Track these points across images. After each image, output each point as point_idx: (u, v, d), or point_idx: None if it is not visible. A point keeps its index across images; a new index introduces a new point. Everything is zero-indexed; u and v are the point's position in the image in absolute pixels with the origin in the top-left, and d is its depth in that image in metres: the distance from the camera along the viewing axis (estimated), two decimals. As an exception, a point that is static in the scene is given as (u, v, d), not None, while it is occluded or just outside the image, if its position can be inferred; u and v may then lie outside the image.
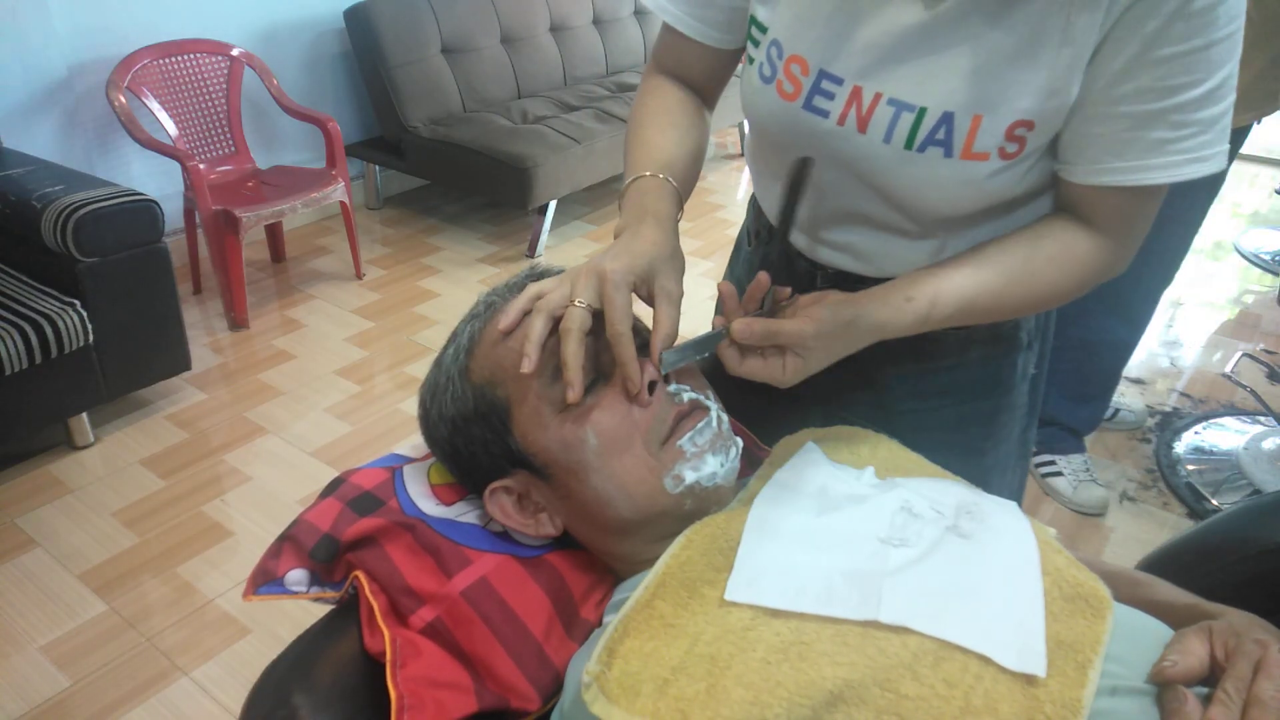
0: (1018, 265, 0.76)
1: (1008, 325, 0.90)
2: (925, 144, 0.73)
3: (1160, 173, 0.69)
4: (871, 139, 0.75)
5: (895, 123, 0.73)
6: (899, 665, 0.55)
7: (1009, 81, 0.69)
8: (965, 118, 0.71)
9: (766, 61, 0.79)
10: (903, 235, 0.83)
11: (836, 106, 0.76)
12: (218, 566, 1.84)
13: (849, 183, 0.80)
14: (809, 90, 0.77)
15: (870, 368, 0.93)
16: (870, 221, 0.83)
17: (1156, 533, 2.05)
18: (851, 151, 0.77)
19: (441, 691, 0.63)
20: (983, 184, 0.74)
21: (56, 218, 1.94)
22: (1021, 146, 0.72)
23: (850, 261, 0.88)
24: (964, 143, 0.72)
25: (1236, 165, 4.62)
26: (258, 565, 0.73)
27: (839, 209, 0.84)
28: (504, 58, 3.54)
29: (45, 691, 1.56)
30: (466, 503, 0.76)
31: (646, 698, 0.56)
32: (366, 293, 2.98)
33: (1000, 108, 0.70)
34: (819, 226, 0.88)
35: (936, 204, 0.77)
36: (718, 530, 0.67)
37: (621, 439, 0.68)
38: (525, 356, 0.66)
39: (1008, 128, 0.71)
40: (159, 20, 2.77)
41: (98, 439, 2.20)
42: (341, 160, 2.86)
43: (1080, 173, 0.73)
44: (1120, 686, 0.56)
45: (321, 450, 2.21)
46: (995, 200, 0.77)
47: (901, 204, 0.79)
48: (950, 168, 0.73)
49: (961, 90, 0.70)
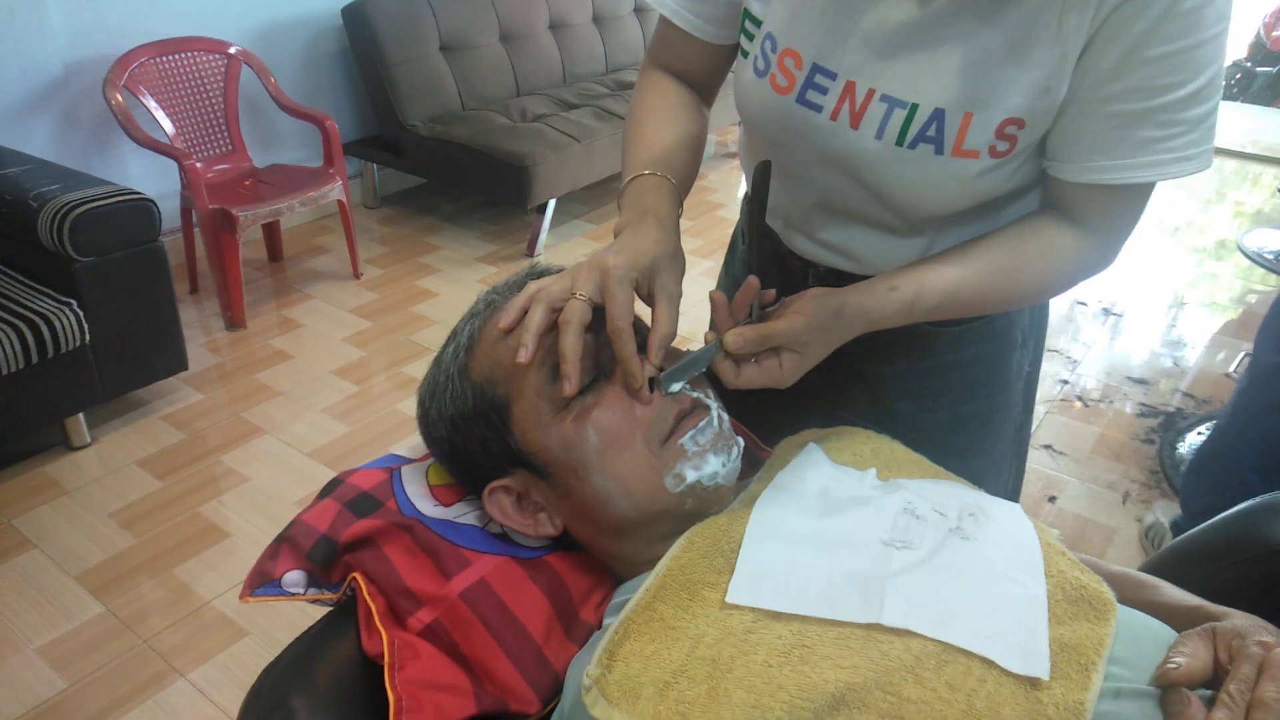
0: (1003, 259, 0.77)
1: (1002, 323, 0.90)
2: (916, 141, 0.73)
3: (1147, 171, 0.70)
4: (864, 135, 0.75)
5: (887, 119, 0.73)
6: (901, 668, 0.55)
7: (1000, 79, 0.69)
8: (956, 115, 0.71)
9: (760, 55, 0.79)
10: (892, 233, 0.83)
11: (829, 101, 0.76)
12: (215, 568, 1.84)
13: (839, 179, 0.80)
14: (802, 84, 0.77)
15: (865, 367, 0.93)
16: (860, 219, 0.83)
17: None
18: (843, 147, 0.77)
19: (440, 694, 0.63)
20: (972, 181, 0.74)
21: (53, 217, 1.93)
22: (1012, 145, 0.72)
23: (841, 260, 0.88)
24: (954, 140, 0.72)
25: (1239, 165, 4.67)
26: (255, 566, 0.72)
27: (829, 206, 0.84)
28: (503, 55, 3.54)
29: (42, 693, 1.55)
30: (465, 504, 0.75)
31: (647, 700, 0.56)
32: (364, 292, 2.97)
33: (991, 106, 0.70)
34: (810, 224, 0.88)
35: (926, 201, 0.77)
36: (719, 532, 0.66)
37: (622, 437, 0.67)
38: (522, 346, 0.66)
39: (998, 125, 0.71)
40: (156, 18, 2.76)
41: (94, 439, 2.19)
42: (339, 159, 2.86)
43: (1069, 170, 0.73)
44: (1124, 689, 0.56)
45: (319, 451, 2.20)
46: (984, 198, 0.77)
47: (891, 201, 0.79)
48: (941, 165, 0.73)
49: (953, 88, 0.71)
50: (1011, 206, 0.81)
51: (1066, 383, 2.63)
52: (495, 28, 3.51)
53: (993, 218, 0.82)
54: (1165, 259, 3.53)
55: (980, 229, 0.81)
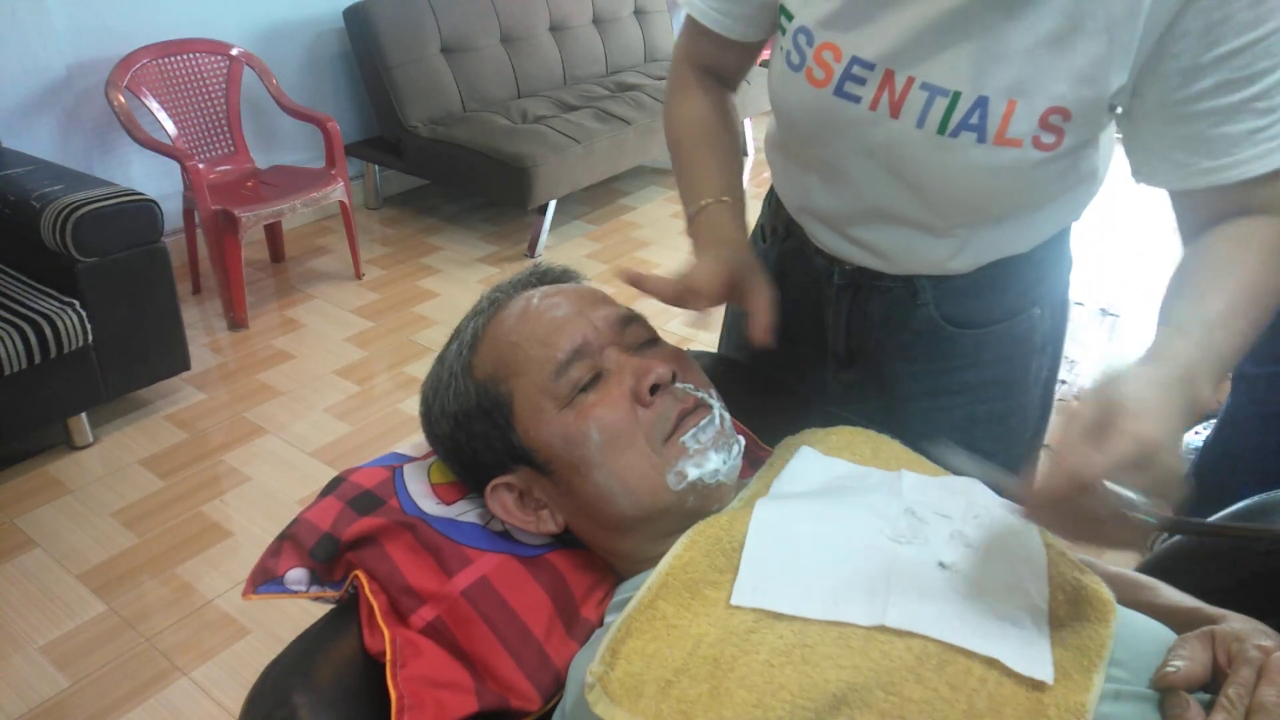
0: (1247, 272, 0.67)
1: (1023, 327, 0.90)
2: (959, 129, 0.72)
3: (1258, 164, 0.65)
4: (904, 124, 0.75)
5: (929, 107, 0.73)
6: (903, 668, 0.55)
7: (1045, 67, 0.69)
8: (1000, 102, 0.70)
9: (794, 49, 0.79)
10: (926, 231, 0.83)
11: (868, 92, 0.75)
12: (217, 567, 1.84)
13: (876, 172, 0.80)
14: (840, 76, 0.76)
15: (884, 366, 0.93)
16: (894, 216, 0.83)
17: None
18: (883, 137, 0.76)
19: (442, 691, 0.63)
20: (1013, 174, 0.73)
21: (56, 217, 1.94)
22: (1059, 139, 0.71)
23: (870, 258, 0.88)
24: (998, 127, 0.71)
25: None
26: (257, 564, 0.72)
27: (864, 202, 0.84)
28: (504, 57, 3.54)
29: (45, 692, 1.56)
30: (467, 502, 0.76)
31: (649, 699, 0.56)
32: (366, 293, 2.98)
33: (1035, 93, 0.70)
34: (845, 223, 0.88)
35: (965, 192, 0.77)
36: (720, 531, 0.67)
37: (624, 435, 0.68)
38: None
39: (1043, 114, 0.70)
40: (158, 20, 2.77)
41: (97, 439, 2.19)
42: (341, 160, 2.86)
43: (1185, 178, 0.69)
44: (1123, 691, 0.56)
45: (321, 450, 2.21)
46: (1021, 196, 0.77)
47: (929, 193, 0.78)
48: (983, 153, 0.73)
49: (996, 75, 0.70)
50: (1046, 210, 0.81)
51: (1064, 382, 2.62)
52: (496, 29, 3.51)
53: (1027, 219, 0.81)
54: (1163, 260, 3.53)
55: (1013, 231, 0.81)
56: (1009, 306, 0.90)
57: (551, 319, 0.72)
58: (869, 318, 0.93)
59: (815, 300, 0.96)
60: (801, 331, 0.98)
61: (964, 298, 0.88)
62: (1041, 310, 0.91)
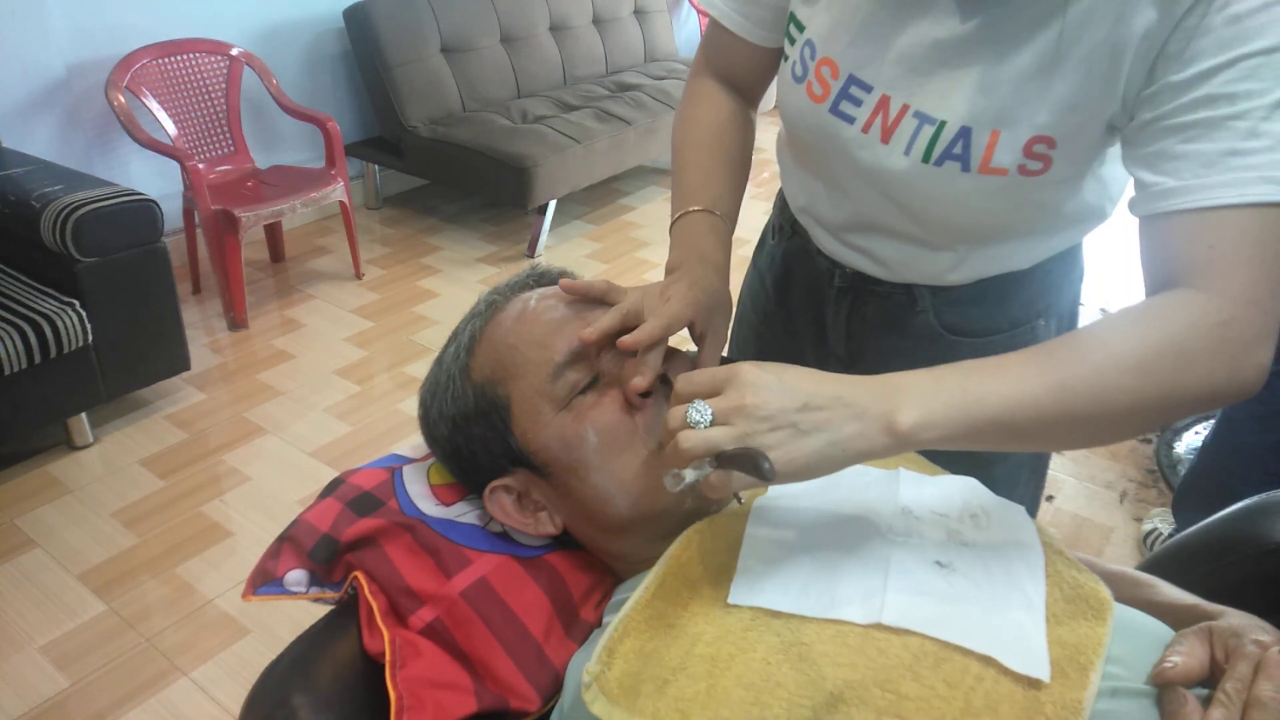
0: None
1: (1025, 339, 0.89)
2: (943, 158, 0.73)
3: (1227, 191, 0.58)
4: (892, 150, 0.75)
5: (916, 136, 0.73)
6: (899, 666, 0.55)
7: (1028, 97, 0.69)
8: (983, 133, 0.70)
9: (799, 61, 0.80)
10: (923, 245, 0.83)
11: (863, 114, 0.76)
12: (217, 567, 1.84)
13: (869, 192, 0.81)
14: (837, 94, 0.77)
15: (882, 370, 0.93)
16: (890, 231, 0.83)
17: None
18: (871, 160, 0.77)
19: (441, 692, 0.63)
20: (1003, 199, 0.73)
21: (56, 217, 1.94)
22: (1046, 165, 0.71)
23: (870, 264, 0.88)
24: (982, 157, 0.71)
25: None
26: (257, 565, 0.73)
27: (863, 218, 0.85)
28: (504, 57, 3.54)
29: (45, 692, 1.56)
30: (466, 503, 0.76)
31: (647, 698, 0.56)
32: (366, 293, 2.98)
33: (1019, 123, 0.70)
34: (843, 231, 0.88)
35: (955, 217, 0.77)
36: (718, 530, 0.67)
37: (622, 437, 0.68)
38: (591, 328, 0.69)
39: (1026, 143, 0.70)
40: (158, 20, 2.77)
41: (97, 439, 2.19)
42: (341, 160, 2.86)
43: (1141, 205, 0.64)
44: (1121, 688, 0.56)
45: (321, 450, 2.21)
46: (1016, 219, 0.77)
47: (918, 216, 0.79)
48: (968, 182, 0.73)
49: (980, 105, 0.70)
50: (1048, 232, 0.80)
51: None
52: (496, 29, 3.51)
53: (1027, 237, 0.81)
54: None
55: (1014, 248, 0.81)
56: (1012, 318, 0.88)
57: (549, 321, 0.72)
58: (867, 321, 0.93)
59: (818, 301, 0.96)
60: (804, 331, 0.98)
61: (964, 307, 0.88)
62: (1047, 322, 0.90)
